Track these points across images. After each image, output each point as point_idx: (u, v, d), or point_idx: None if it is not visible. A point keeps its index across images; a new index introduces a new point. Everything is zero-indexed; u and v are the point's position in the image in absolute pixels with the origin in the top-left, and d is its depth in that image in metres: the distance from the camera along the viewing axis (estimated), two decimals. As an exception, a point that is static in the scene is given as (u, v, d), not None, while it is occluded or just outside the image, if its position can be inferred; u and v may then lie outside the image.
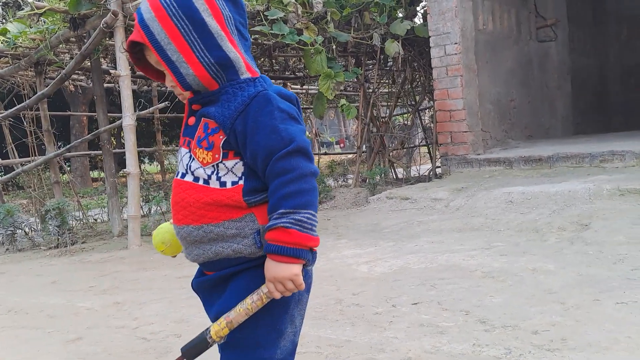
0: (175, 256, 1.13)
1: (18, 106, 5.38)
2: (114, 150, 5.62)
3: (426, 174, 6.27)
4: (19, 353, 1.99)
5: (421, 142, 7.33)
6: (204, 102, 0.97)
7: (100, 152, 5.61)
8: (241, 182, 0.94)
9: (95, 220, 5.67)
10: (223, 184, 0.95)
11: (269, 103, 0.91)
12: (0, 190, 5.96)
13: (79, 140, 5.70)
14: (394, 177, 6.24)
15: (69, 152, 6.08)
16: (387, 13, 5.26)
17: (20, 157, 6.25)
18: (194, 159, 0.96)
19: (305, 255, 0.90)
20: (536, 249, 2.78)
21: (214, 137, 0.94)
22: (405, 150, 6.92)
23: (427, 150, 6.83)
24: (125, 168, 4.11)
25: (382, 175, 5.57)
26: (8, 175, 6.01)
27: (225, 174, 0.95)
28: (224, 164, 0.95)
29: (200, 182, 0.96)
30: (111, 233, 4.75)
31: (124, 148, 4.22)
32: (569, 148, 4.57)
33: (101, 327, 2.20)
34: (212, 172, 0.95)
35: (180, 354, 0.93)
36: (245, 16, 1.00)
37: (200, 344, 0.91)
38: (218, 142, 0.94)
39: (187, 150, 0.98)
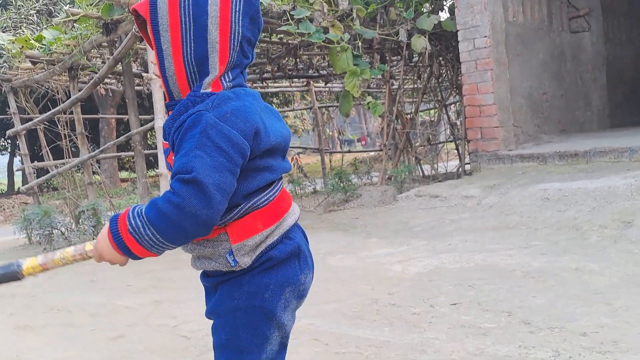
0: None
1: (53, 110, 5.52)
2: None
3: (454, 171, 6.17)
4: (64, 350, 2.04)
5: (447, 138, 7.20)
6: (170, 109, 0.96)
7: (130, 153, 5.73)
8: None
9: (127, 220, 5.77)
10: None
11: (197, 125, 0.87)
12: (37, 191, 6.16)
13: (112, 142, 5.81)
14: (421, 175, 6.16)
15: (103, 153, 6.22)
16: (413, 8, 5.19)
17: (53, 160, 6.43)
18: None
19: (130, 256, 0.90)
20: (577, 248, 2.70)
21: (168, 157, 0.96)
22: (430, 147, 6.81)
23: (453, 147, 6.71)
24: (149, 169, 4.17)
25: (409, 172, 5.50)
26: (44, 177, 6.19)
27: None
28: None
29: None
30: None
31: (148, 149, 4.28)
32: (607, 142, 4.41)
33: (141, 325, 2.24)
34: None
35: None
36: (257, 36, 0.98)
37: (9, 275, 0.93)
38: (171, 162, 0.95)
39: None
